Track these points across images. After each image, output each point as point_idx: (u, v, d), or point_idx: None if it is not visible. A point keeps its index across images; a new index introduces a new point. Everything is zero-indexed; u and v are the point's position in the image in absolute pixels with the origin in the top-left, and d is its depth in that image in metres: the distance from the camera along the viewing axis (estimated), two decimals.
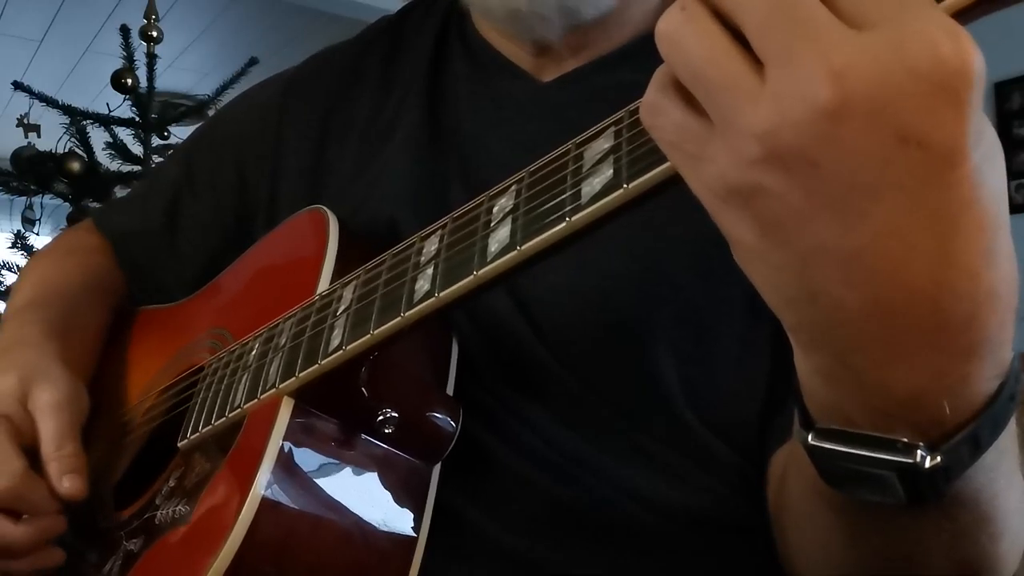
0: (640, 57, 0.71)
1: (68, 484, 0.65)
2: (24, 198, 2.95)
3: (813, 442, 0.38)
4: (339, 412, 0.57)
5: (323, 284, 0.61)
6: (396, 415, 0.57)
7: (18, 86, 2.65)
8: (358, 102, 0.81)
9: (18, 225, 3.00)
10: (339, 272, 0.61)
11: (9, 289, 2.72)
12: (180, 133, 2.81)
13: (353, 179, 0.76)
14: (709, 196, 0.34)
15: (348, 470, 0.57)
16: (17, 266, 2.70)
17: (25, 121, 2.98)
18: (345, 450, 0.57)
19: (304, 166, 0.80)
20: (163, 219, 0.90)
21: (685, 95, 0.34)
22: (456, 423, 0.60)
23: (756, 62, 0.31)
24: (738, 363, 0.62)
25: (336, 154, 0.79)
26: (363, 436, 0.58)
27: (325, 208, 0.67)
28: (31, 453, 0.65)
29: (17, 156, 2.79)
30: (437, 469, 0.61)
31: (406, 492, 0.59)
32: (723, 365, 0.62)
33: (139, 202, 0.94)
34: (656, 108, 0.35)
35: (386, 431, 0.57)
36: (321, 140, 0.80)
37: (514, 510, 0.62)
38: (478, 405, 0.63)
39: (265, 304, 0.67)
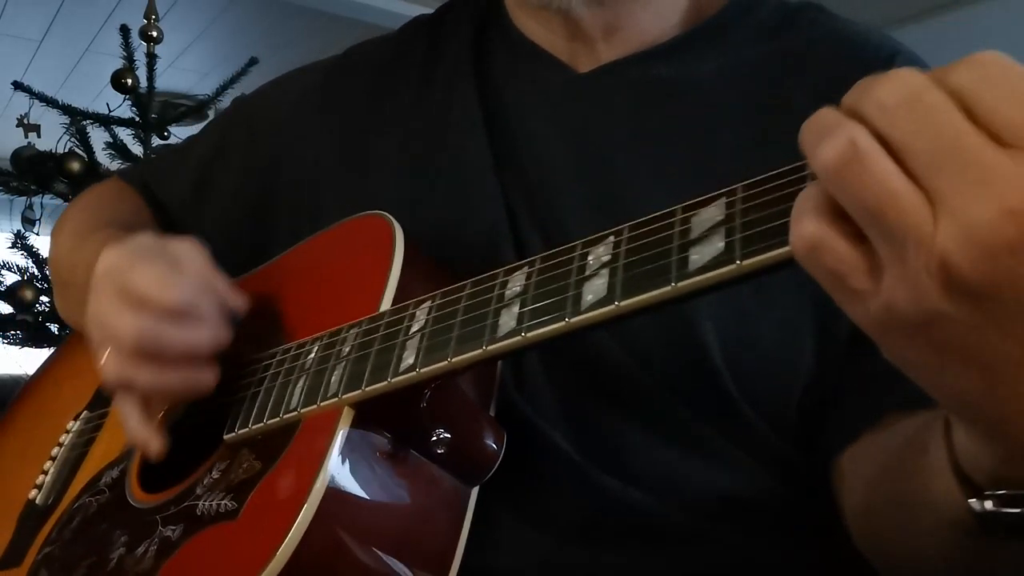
0: (676, 56, 0.73)
1: (233, 297, 0.68)
2: (24, 198, 2.95)
3: (994, 508, 0.41)
4: (395, 428, 0.58)
5: (387, 298, 0.61)
6: (449, 436, 0.58)
7: (18, 86, 2.65)
8: (400, 94, 0.81)
9: (18, 225, 2.99)
10: (403, 288, 0.61)
11: (9, 289, 2.72)
12: (180, 133, 2.80)
13: (404, 172, 0.77)
14: (876, 327, 0.35)
15: (397, 485, 0.58)
16: (17, 266, 2.70)
17: (25, 121, 2.97)
18: (396, 465, 0.58)
19: (346, 155, 0.81)
20: (192, 187, 0.91)
21: (849, 228, 0.34)
22: (500, 448, 0.61)
23: (926, 197, 0.32)
24: (780, 345, 0.63)
25: (379, 145, 0.79)
26: (413, 453, 0.59)
27: (391, 217, 0.67)
28: None
29: (17, 156, 2.79)
30: (476, 491, 0.62)
31: (447, 511, 0.60)
32: (765, 346, 0.63)
33: (168, 167, 0.95)
34: (820, 244, 0.35)
35: (437, 451, 0.58)
36: (363, 130, 0.81)
37: (534, 502, 0.63)
38: (514, 406, 0.64)
39: (323, 306, 0.67)
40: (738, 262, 0.40)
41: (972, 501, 0.41)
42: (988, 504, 0.41)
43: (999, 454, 0.39)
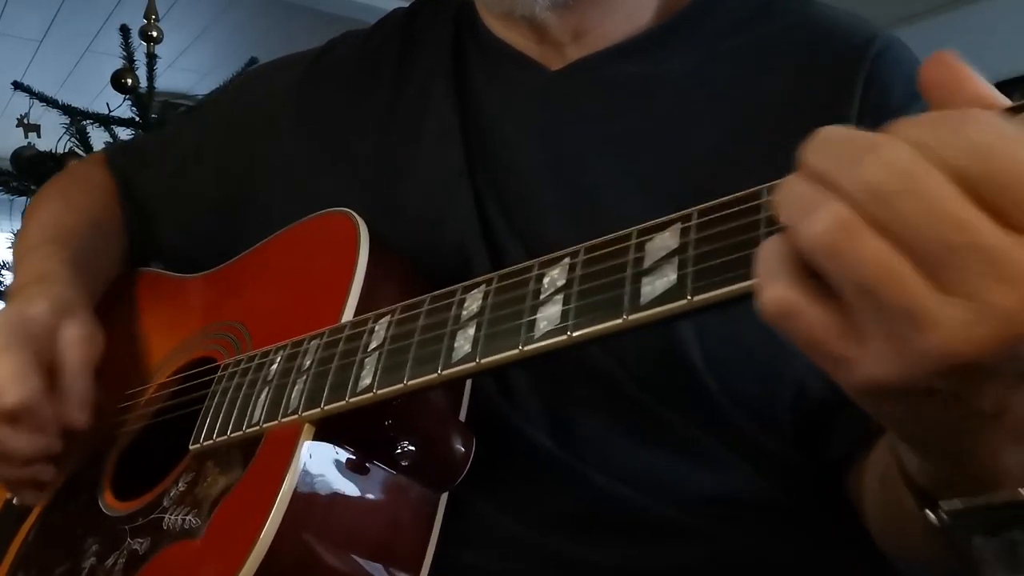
0: (647, 52, 0.73)
1: (77, 414, 0.70)
2: (24, 198, 2.94)
3: (949, 520, 0.41)
4: (358, 443, 0.58)
5: (351, 303, 0.61)
6: (413, 448, 0.58)
7: (18, 86, 2.64)
8: (377, 93, 0.82)
9: (18, 225, 2.99)
10: (368, 290, 0.61)
11: (9, 289, 2.71)
12: None
13: (380, 168, 0.77)
14: (855, 391, 0.35)
15: (363, 499, 0.58)
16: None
17: (25, 121, 2.97)
18: (361, 479, 0.58)
19: (321, 156, 0.81)
20: (166, 186, 0.92)
21: (818, 291, 0.33)
22: (469, 453, 0.61)
23: (927, 279, 0.31)
24: (763, 345, 0.62)
25: (354, 146, 0.79)
26: (378, 465, 0.59)
27: (355, 215, 0.66)
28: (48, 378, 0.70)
29: (17, 156, 2.78)
30: (445, 496, 0.62)
31: (416, 519, 0.60)
32: (747, 346, 0.62)
33: (149, 160, 0.96)
34: (793, 311, 0.34)
35: (403, 463, 0.58)
36: (341, 128, 0.81)
37: (520, 500, 0.63)
38: (497, 409, 0.64)
39: (287, 308, 0.67)
40: (689, 297, 0.40)
41: (942, 513, 0.41)
42: (944, 515, 0.41)
43: (946, 470, 0.39)
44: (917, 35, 3.48)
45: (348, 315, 0.60)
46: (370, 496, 0.58)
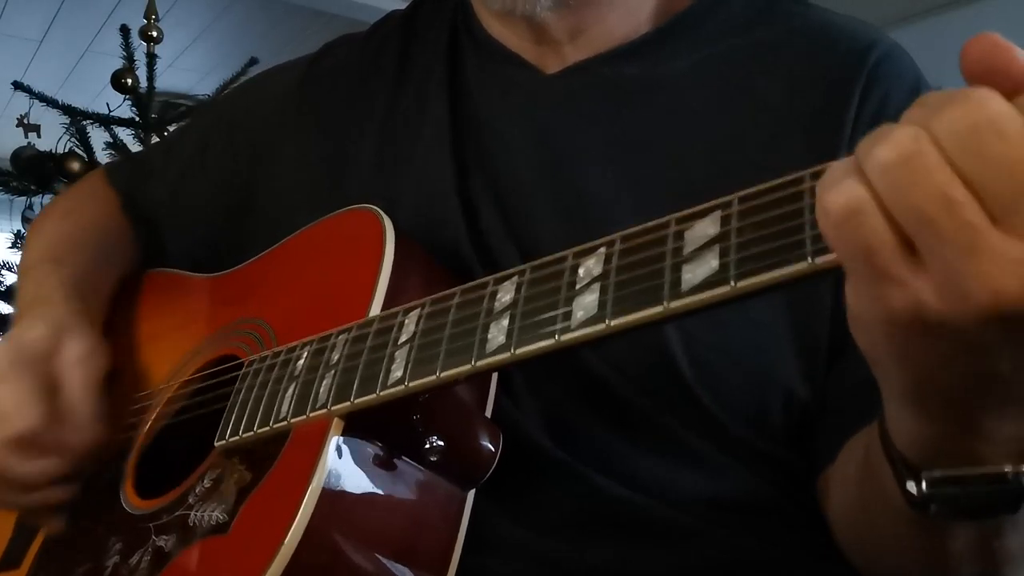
0: (645, 55, 0.72)
1: (82, 435, 0.70)
2: (24, 198, 2.94)
3: (930, 490, 0.41)
4: (387, 437, 0.57)
5: (378, 298, 0.60)
6: (443, 443, 0.57)
7: (18, 86, 2.64)
8: (375, 95, 0.81)
9: (18, 225, 2.98)
10: (394, 287, 0.60)
11: (9, 289, 2.71)
12: None
13: (379, 172, 0.77)
14: (895, 320, 0.35)
15: (390, 495, 0.57)
16: (17, 266, 2.69)
17: (25, 121, 2.96)
18: (389, 475, 0.57)
19: (323, 155, 0.81)
20: (170, 195, 0.92)
21: (888, 211, 0.33)
22: (496, 449, 0.60)
23: (989, 217, 0.31)
24: (752, 350, 0.62)
25: (354, 148, 0.79)
26: (406, 461, 0.58)
27: (381, 212, 0.66)
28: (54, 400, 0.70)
29: (17, 156, 2.78)
30: (472, 492, 0.61)
31: (444, 516, 0.59)
32: (735, 352, 0.62)
33: (151, 171, 0.96)
34: (861, 210, 0.33)
35: (431, 459, 0.57)
36: (340, 131, 0.81)
37: (520, 502, 0.63)
38: (499, 407, 0.64)
39: (312, 305, 0.66)
40: (732, 283, 0.39)
41: (923, 484, 0.41)
42: (924, 486, 0.41)
43: (939, 431, 0.39)
44: (917, 35, 3.49)
45: (375, 310, 0.59)
46: (399, 492, 0.58)
